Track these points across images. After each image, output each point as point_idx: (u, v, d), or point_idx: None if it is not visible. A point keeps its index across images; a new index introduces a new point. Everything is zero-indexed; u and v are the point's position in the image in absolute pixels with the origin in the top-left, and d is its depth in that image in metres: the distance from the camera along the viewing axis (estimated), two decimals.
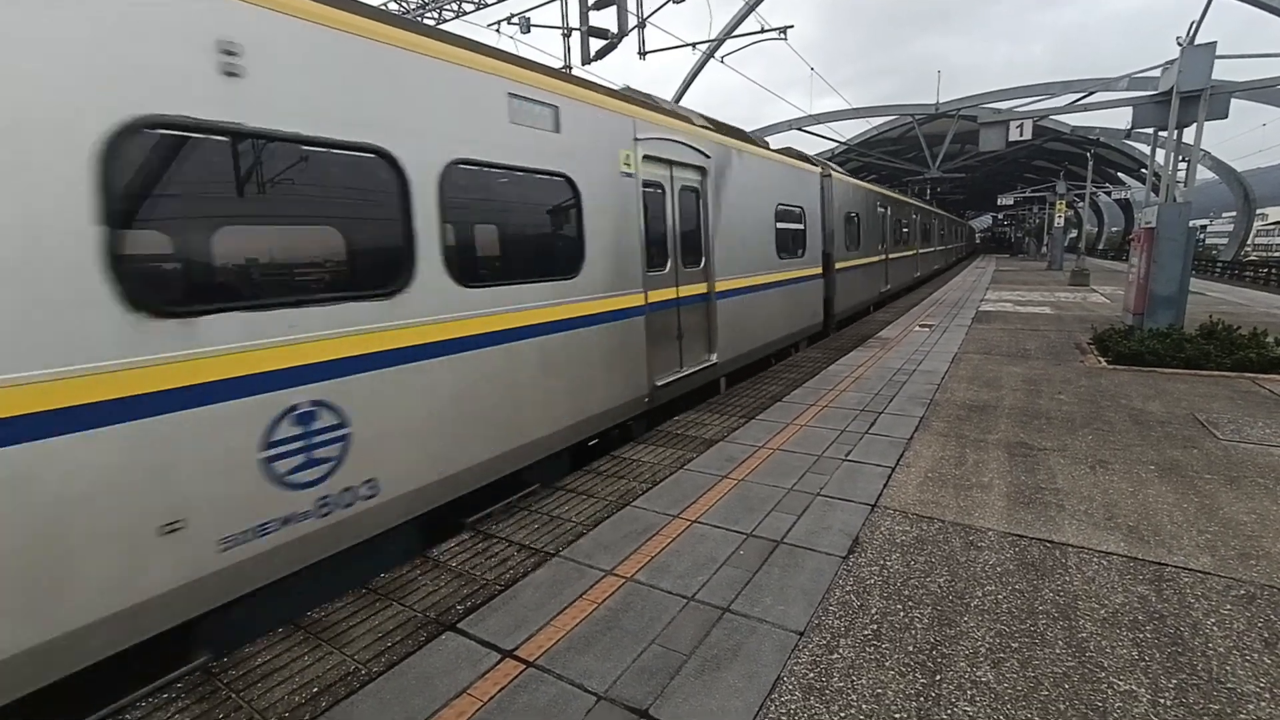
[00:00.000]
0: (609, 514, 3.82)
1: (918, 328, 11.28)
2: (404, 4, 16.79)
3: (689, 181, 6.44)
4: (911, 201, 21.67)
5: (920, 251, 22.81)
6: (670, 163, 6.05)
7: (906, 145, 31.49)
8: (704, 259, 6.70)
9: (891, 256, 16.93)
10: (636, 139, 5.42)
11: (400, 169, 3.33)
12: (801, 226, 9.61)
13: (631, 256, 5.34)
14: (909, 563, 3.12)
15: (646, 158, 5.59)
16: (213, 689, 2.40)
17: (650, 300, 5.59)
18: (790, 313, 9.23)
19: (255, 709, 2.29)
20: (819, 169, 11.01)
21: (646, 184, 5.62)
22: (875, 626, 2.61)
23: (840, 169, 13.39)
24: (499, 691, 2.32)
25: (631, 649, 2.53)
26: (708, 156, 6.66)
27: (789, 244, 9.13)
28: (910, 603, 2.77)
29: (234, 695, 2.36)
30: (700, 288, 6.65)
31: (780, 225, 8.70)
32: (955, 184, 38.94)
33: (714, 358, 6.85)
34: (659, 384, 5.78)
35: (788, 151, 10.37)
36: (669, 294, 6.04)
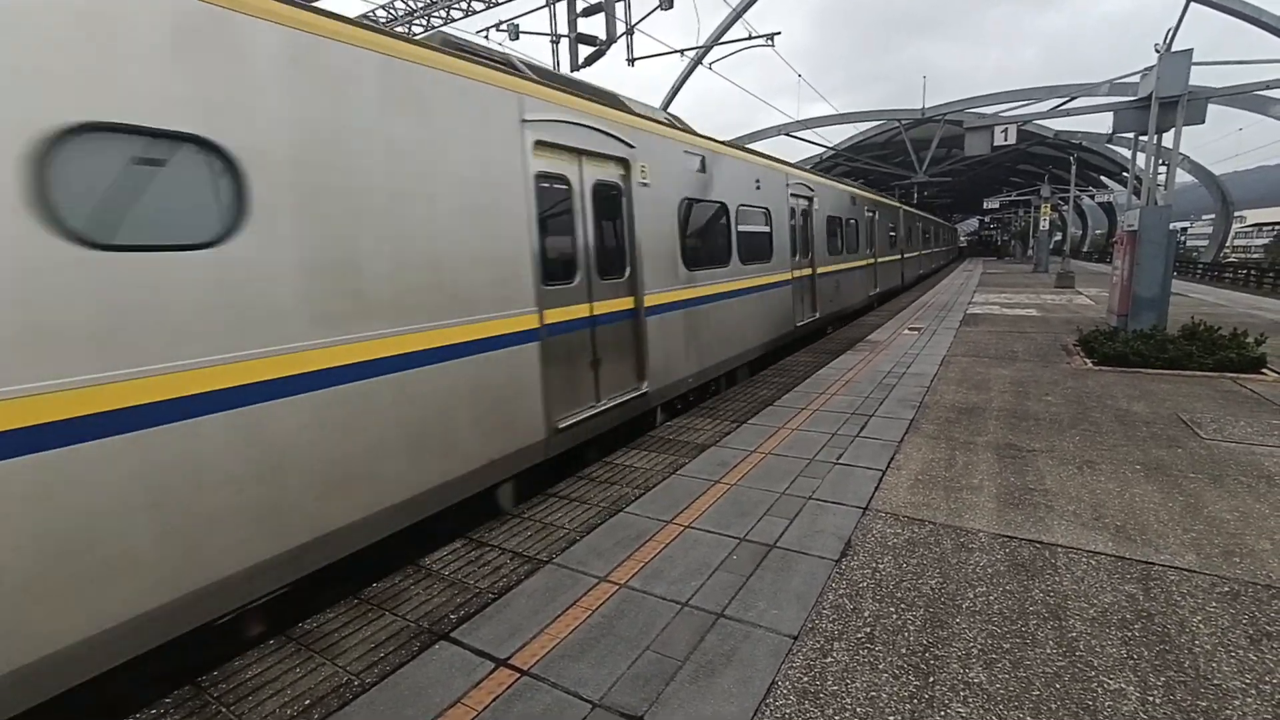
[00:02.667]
0: (602, 520, 3.82)
1: (907, 330, 11.38)
2: (391, 10, 16.80)
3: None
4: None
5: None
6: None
7: (893, 150, 31.85)
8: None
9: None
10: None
11: None
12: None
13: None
14: (901, 565, 3.14)
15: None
16: (202, 704, 2.37)
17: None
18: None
19: None
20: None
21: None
22: (868, 629, 2.63)
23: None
24: (493, 701, 2.31)
25: (626, 656, 2.52)
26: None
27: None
28: (903, 605, 2.79)
29: (224, 710, 2.33)
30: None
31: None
32: (942, 188, 39.39)
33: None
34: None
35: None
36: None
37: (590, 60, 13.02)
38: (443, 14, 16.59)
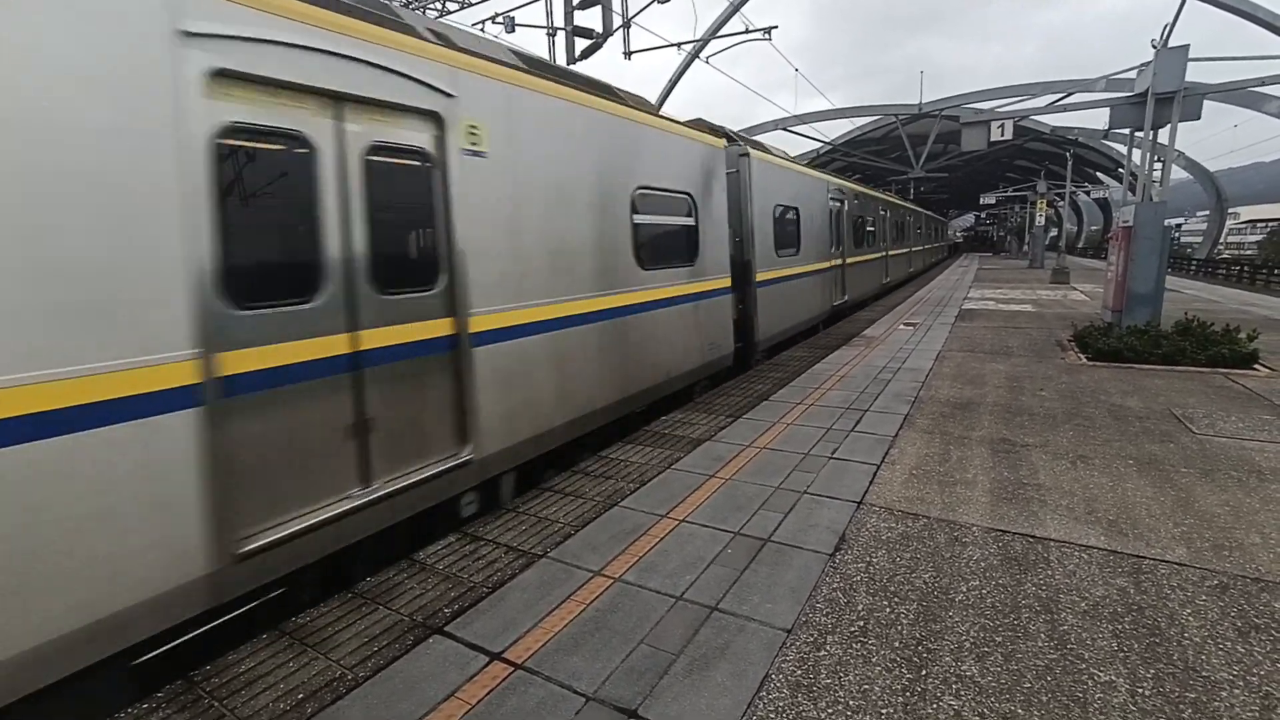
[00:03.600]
0: (597, 514, 3.82)
1: (902, 326, 11.40)
2: None
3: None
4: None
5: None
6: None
7: (890, 145, 31.81)
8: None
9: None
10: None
11: None
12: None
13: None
14: (895, 559, 3.15)
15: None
16: (195, 698, 2.36)
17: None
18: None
19: (239, 717, 2.25)
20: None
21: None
22: (862, 623, 2.64)
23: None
24: (487, 694, 2.31)
25: (620, 649, 2.53)
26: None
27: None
28: (896, 599, 2.80)
29: (217, 704, 2.32)
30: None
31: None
32: (939, 183, 39.41)
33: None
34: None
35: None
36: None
37: (587, 53, 12.94)
38: (438, 6, 16.45)
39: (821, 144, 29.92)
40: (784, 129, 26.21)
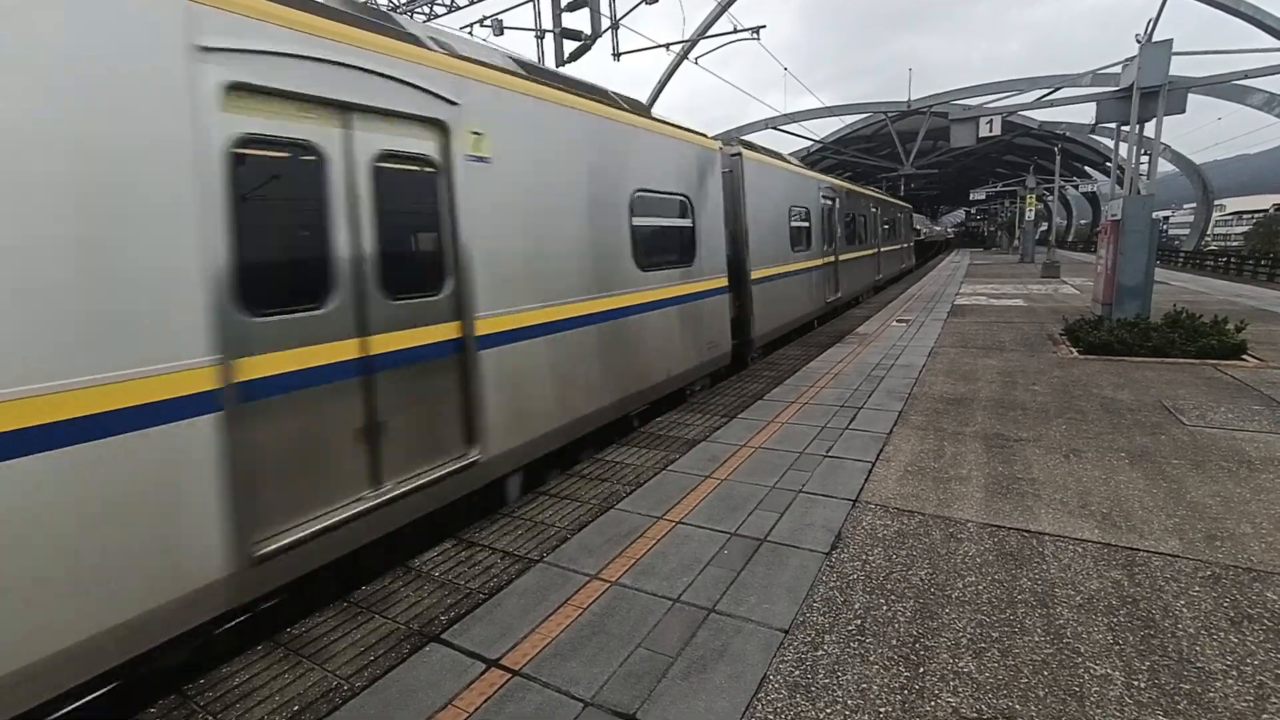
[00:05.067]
0: (593, 518, 3.81)
1: (895, 323, 11.44)
2: (372, 3, 16.57)
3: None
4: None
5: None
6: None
7: (880, 143, 31.96)
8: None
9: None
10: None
11: None
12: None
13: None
14: (891, 557, 3.15)
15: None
16: (188, 713, 2.34)
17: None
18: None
19: None
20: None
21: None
22: (859, 621, 2.64)
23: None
24: (485, 702, 2.29)
25: (618, 653, 2.52)
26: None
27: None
28: (893, 596, 2.81)
29: (211, 718, 2.30)
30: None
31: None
32: (929, 180, 39.61)
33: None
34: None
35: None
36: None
37: (575, 55, 12.93)
38: (426, 9, 16.41)
39: (812, 142, 30.03)
40: (774, 128, 26.28)
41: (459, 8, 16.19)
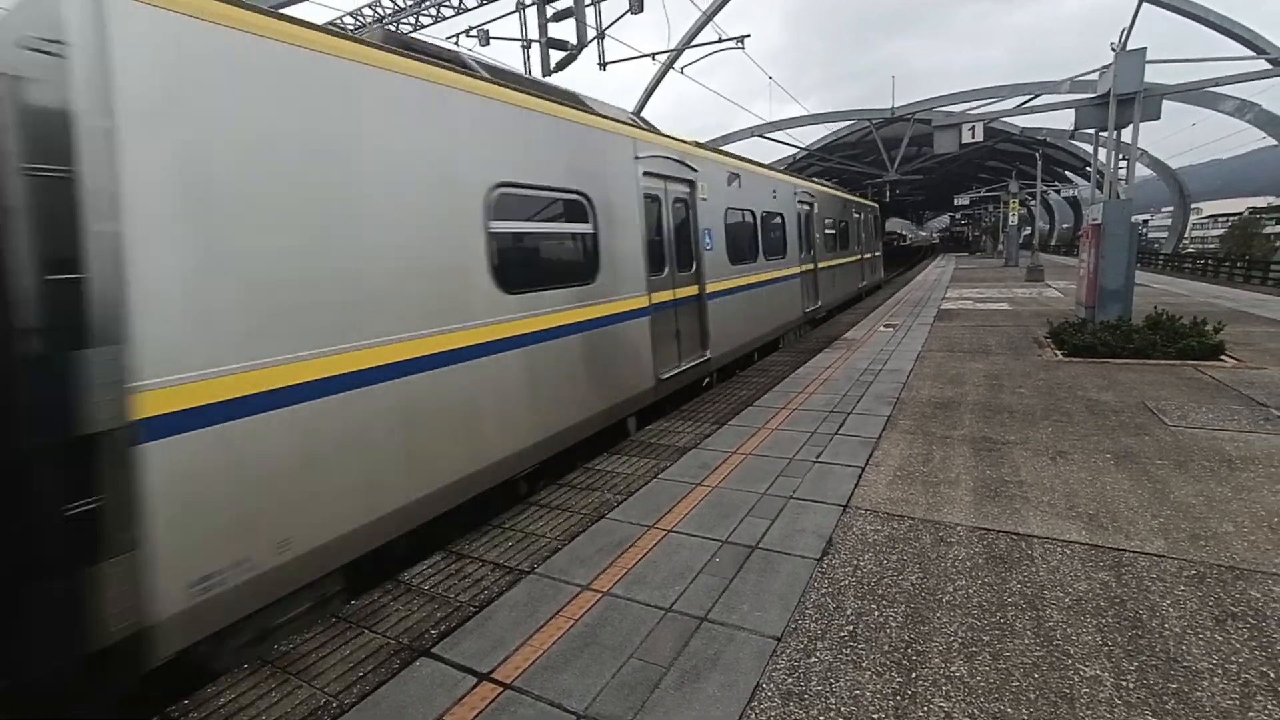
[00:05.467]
0: (584, 528, 3.79)
1: (882, 328, 11.54)
2: (360, 18, 16.57)
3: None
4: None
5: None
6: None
7: (865, 149, 32.29)
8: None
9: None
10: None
11: None
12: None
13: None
14: (882, 562, 3.17)
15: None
16: None
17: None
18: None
19: None
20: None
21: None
22: (851, 628, 2.64)
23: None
24: (476, 716, 2.27)
25: (610, 664, 2.51)
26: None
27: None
28: (884, 602, 2.82)
29: None
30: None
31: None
32: (913, 185, 40.08)
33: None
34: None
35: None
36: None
37: (562, 65, 13.00)
38: (412, 20, 16.43)
39: (798, 150, 30.31)
40: (760, 135, 26.50)
41: (444, 18, 16.23)
